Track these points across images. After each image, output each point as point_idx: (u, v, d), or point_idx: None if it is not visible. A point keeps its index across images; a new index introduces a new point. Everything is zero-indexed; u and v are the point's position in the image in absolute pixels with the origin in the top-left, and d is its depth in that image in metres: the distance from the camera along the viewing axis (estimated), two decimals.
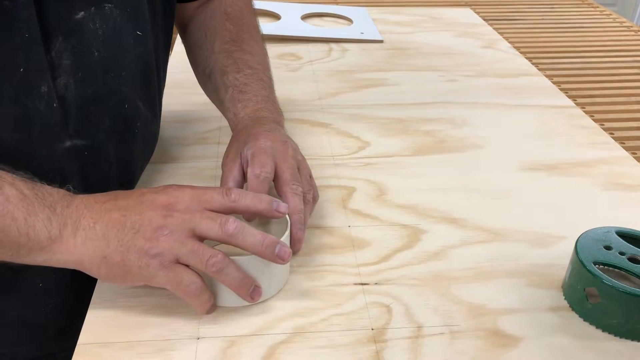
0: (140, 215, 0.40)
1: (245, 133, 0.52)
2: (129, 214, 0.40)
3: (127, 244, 0.39)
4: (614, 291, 0.41)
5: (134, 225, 0.39)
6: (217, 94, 0.60)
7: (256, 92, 0.57)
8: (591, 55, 0.96)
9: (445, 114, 0.73)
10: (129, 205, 0.41)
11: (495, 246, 0.51)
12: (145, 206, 0.40)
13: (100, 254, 0.39)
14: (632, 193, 0.59)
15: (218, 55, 0.59)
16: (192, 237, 0.40)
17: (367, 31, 0.99)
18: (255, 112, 0.56)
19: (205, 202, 0.41)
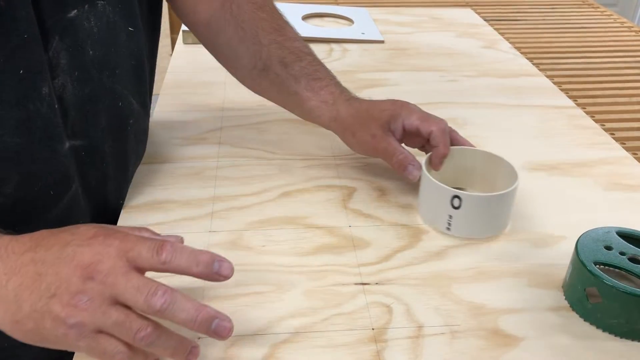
0: (57, 275, 0.35)
1: (371, 113, 0.56)
2: (45, 272, 0.35)
3: (42, 309, 0.34)
4: (615, 291, 0.41)
5: (50, 287, 0.34)
6: (283, 86, 0.59)
7: (329, 75, 0.60)
8: (592, 56, 0.96)
9: (446, 114, 0.72)
10: (47, 259, 0.35)
11: (495, 246, 0.51)
12: (65, 264, 0.35)
13: (11, 318, 0.35)
14: (632, 193, 0.59)
15: (270, 48, 0.59)
16: (115, 305, 0.34)
17: (368, 31, 0.99)
18: (346, 94, 0.59)
19: (132, 259, 0.36)
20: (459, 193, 0.50)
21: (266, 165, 0.62)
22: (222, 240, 0.50)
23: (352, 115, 0.57)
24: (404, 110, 0.56)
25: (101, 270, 0.35)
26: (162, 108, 0.73)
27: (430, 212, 0.53)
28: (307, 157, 0.64)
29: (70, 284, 0.34)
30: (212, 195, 0.56)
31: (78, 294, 0.34)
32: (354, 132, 0.57)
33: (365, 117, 0.56)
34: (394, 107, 0.56)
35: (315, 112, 0.59)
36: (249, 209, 0.55)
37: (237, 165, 0.62)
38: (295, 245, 0.50)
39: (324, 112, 0.58)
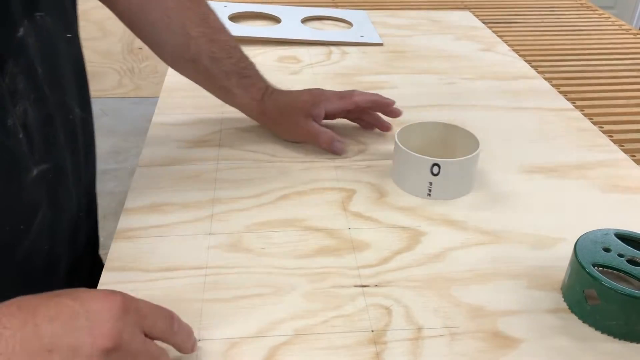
0: (73, 349, 0.31)
1: (294, 105, 0.63)
2: (56, 347, 0.31)
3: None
4: (613, 293, 0.41)
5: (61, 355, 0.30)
6: (212, 79, 0.63)
7: (257, 73, 0.65)
8: (590, 58, 0.96)
9: (444, 116, 0.73)
10: (55, 330, 0.31)
11: (494, 248, 0.51)
12: (79, 334, 0.31)
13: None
14: (631, 195, 0.59)
15: (198, 41, 0.60)
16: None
17: (367, 34, 0.99)
18: (270, 89, 0.64)
19: (148, 328, 0.35)
20: (438, 160, 0.55)
21: (265, 168, 0.62)
22: (222, 243, 0.50)
23: (277, 107, 0.64)
24: (322, 97, 0.64)
25: (124, 342, 0.32)
26: (161, 111, 0.73)
27: (409, 181, 0.58)
28: (306, 160, 0.64)
29: (82, 355, 0.31)
30: (211, 197, 0.56)
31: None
32: (280, 123, 0.64)
33: (289, 109, 0.63)
34: (312, 97, 0.64)
35: (245, 108, 0.65)
36: (248, 211, 0.55)
37: (236, 167, 0.62)
38: (295, 248, 0.50)
39: (254, 108, 0.65)
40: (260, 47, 0.93)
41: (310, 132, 0.63)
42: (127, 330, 0.32)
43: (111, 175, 1.93)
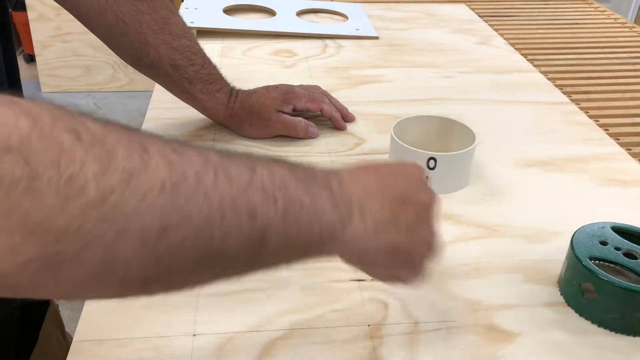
0: (420, 201, 0.34)
1: (262, 102, 0.64)
2: (408, 196, 0.34)
3: (416, 232, 0.34)
4: (610, 286, 0.41)
5: (418, 212, 0.34)
6: (175, 84, 0.63)
7: (221, 77, 0.65)
8: (586, 52, 0.96)
9: (440, 110, 0.73)
10: (400, 184, 0.35)
11: (491, 242, 0.51)
12: (419, 189, 0.35)
13: (392, 241, 0.33)
14: (627, 189, 0.59)
15: (158, 48, 0.59)
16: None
17: (363, 27, 0.99)
18: (235, 92, 0.65)
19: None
20: (434, 154, 0.55)
21: None
22: None
23: (245, 109, 0.65)
24: (292, 96, 0.65)
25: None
26: (155, 105, 0.72)
27: None
28: (301, 154, 0.63)
29: (430, 209, 0.35)
30: None
31: (433, 218, 0.35)
32: (251, 122, 0.65)
33: (258, 107, 0.64)
34: (282, 94, 0.65)
35: (210, 112, 0.66)
36: None
37: None
38: None
39: (220, 112, 0.65)
40: (255, 40, 0.93)
41: (286, 123, 0.65)
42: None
43: None
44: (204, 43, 0.89)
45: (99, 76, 2.31)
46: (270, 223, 0.27)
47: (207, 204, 0.25)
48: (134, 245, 0.23)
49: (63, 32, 2.20)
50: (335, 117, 0.68)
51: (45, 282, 0.22)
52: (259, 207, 0.27)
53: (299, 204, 0.29)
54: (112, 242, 0.22)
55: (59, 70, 2.30)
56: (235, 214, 0.26)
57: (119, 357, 0.39)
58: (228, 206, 0.26)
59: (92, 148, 0.22)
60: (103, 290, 0.24)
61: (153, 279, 0.25)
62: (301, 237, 0.30)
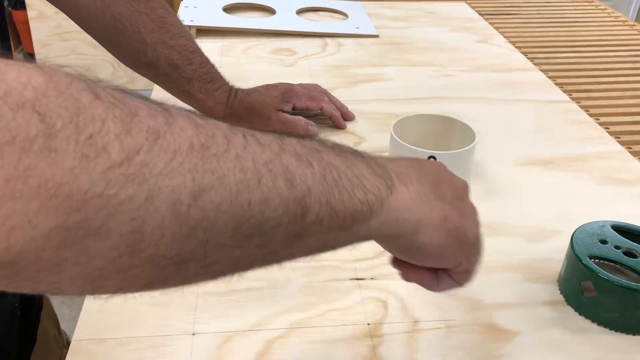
0: (452, 183, 0.34)
1: (262, 101, 0.64)
2: (441, 177, 0.33)
3: (461, 207, 0.32)
4: (610, 285, 0.41)
5: (453, 190, 0.33)
6: (173, 84, 0.63)
7: (220, 76, 0.65)
8: (586, 50, 0.96)
9: (440, 109, 0.73)
10: (429, 166, 0.34)
11: (491, 241, 0.51)
12: (446, 172, 0.34)
13: (441, 213, 0.31)
14: (627, 187, 0.59)
15: (155, 48, 0.59)
16: None
17: (363, 26, 0.99)
18: (234, 91, 0.65)
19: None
20: (434, 153, 0.55)
21: None
22: None
23: (245, 108, 0.65)
24: (292, 94, 0.65)
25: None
26: None
27: None
28: None
29: (464, 190, 0.34)
30: None
31: (470, 200, 0.34)
32: (250, 121, 0.65)
33: (258, 106, 0.64)
34: (281, 92, 0.65)
35: (209, 111, 0.65)
36: None
37: None
38: None
39: (219, 111, 0.65)
40: (254, 38, 0.93)
41: (286, 122, 0.65)
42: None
43: None
44: (203, 42, 0.89)
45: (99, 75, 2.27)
46: (309, 187, 0.25)
47: (240, 166, 0.23)
48: (165, 212, 0.20)
49: (63, 31, 2.20)
50: (335, 115, 0.68)
51: (67, 262, 0.19)
52: (295, 172, 0.25)
53: (335, 169, 0.27)
54: (141, 209, 0.20)
55: None
56: (272, 177, 0.24)
57: (118, 357, 0.39)
58: (263, 169, 0.24)
59: (113, 107, 0.20)
60: (131, 275, 0.21)
61: (188, 257, 0.22)
62: (345, 203, 0.27)
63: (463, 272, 0.34)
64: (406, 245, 0.31)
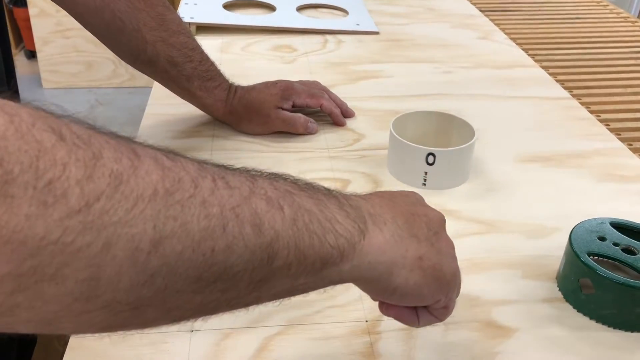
0: (426, 215, 0.33)
1: (262, 99, 0.64)
2: (416, 212, 0.33)
3: (436, 245, 0.32)
4: (608, 282, 0.41)
5: (428, 225, 0.33)
6: (173, 81, 0.63)
7: (219, 74, 0.65)
8: (588, 47, 0.95)
9: (440, 105, 0.73)
10: (404, 201, 0.34)
11: (490, 238, 0.51)
12: (421, 205, 0.34)
13: (415, 253, 0.31)
14: (627, 184, 0.59)
15: (155, 45, 0.59)
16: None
17: (363, 23, 0.99)
18: (233, 88, 0.65)
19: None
20: (433, 150, 0.55)
21: (260, 158, 0.61)
22: None
23: (244, 106, 0.64)
24: (292, 92, 0.65)
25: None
26: (155, 101, 0.72)
27: (405, 171, 0.58)
28: (300, 150, 0.63)
29: (439, 223, 0.34)
30: None
31: (444, 228, 0.34)
32: (250, 118, 0.65)
33: (257, 104, 0.64)
34: (281, 90, 0.65)
35: (209, 108, 0.65)
36: None
37: (230, 158, 0.61)
38: None
39: (219, 109, 0.65)
40: (254, 35, 0.92)
41: (285, 120, 0.64)
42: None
43: None
44: (203, 39, 0.89)
45: (100, 72, 2.31)
46: (278, 233, 0.25)
47: (206, 212, 0.22)
48: (123, 259, 0.20)
49: (64, 28, 2.20)
50: (334, 112, 0.68)
51: (20, 307, 0.19)
52: (264, 216, 0.24)
53: (307, 212, 0.27)
54: (98, 257, 0.19)
55: (60, 67, 2.30)
56: (238, 223, 0.23)
57: (116, 353, 0.39)
58: (230, 214, 0.23)
59: (77, 149, 0.20)
60: (86, 319, 0.21)
61: (147, 303, 0.21)
62: (315, 248, 0.26)
63: (442, 308, 0.34)
64: (382, 288, 0.31)
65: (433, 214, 0.34)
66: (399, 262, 0.30)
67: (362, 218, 0.30)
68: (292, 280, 0.27)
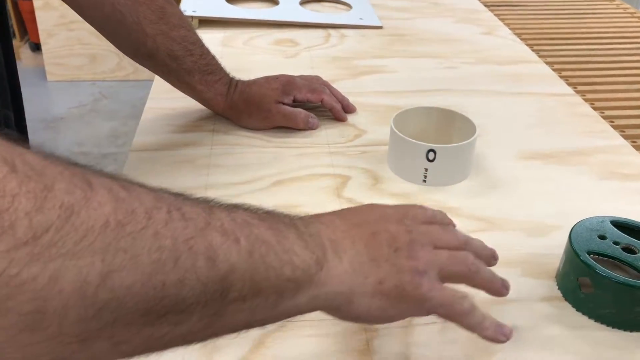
0: (388, 232, 0.34)
1: (263, 93, 0.63)
2: (377, 231, 0.34)
3: (396, 263, 0.32)
4: (607, 281, 0.41)
5: (389, 243, 0.33)
6: (173, 75, 0.62)
7: (220, 68, 0.64)
8: (594, 42, 0.94)
9: (442, 101, 0.72)
10: (369, 221, 0.34)
11: (489, 235, 0.51)
12: (386, 222, 0.35)
13: (375, 278, 0.31)
14: (629, 182, 0.59)
15: (155, 39, 0.59)
16: (436, 248, 0.35)
17: (366, 17, 0.98)
18: (234, 82, 0.65)
19: (413, 217, 0.37)
20: (434, 146, 0.55)
21: (260, 153, 0.61)
22: None
23: (245, 100, 0.64)
24: (293, 87, 0.65)
25: (412, 224, 0.35)
26: (156, 95, 0.72)
27: (405, 167, 0.57)
28: (301, 145, 0.63)
29: (402, 237, 0.34)
30: (204, 183, 0.56)
31: (412, 245, 0.34)
32: (250, 113, 0.64)
33: (258, 98, 0.64)
34: (282, 85, 0.64)
35: (209, 103, 0.65)
36: (241, 197, 0.54)
37: (230, 153, 0.61)
38: None
39: (219, 103, 0.64)
40: (257, 29, 0.92)
41: (286, 115, 0.64)
42: (408, 216, 0.36)
43: (110, 159, 1.92)
44: (205, 32, 0.89)
45: (104, 65, 2.31)
46: (233, 265, 0.25)
47: (157, 245, 0.22)
48: (70, 292, 0.20)
49: (68, 21, 2.20)
50: (335, 108, 0.67)
51: None
52: (219, 249, 0.24)
53: (264, 244, 0.27)
54: (44, 289, 0.19)
55: (65, 59, 2.30)
56: (191, 256, 0.23)
57: None
58: (183, 247, 0.23)
59: (28, 181, 0.20)
60: (33, 350, 0.20)
61: (95, 335, 0.21)
62: (271, 281, 0.26)
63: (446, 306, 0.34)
64: (343, 316, 0.32)
65: (395, 229, 0.34)
66: (358, 290, 0.31)
67: (322, 247, 0.30)
68: (248, 313, 0.27)
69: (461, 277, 0.36)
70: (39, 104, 2.21)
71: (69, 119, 2.14)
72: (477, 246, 0.38)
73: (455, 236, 0.37)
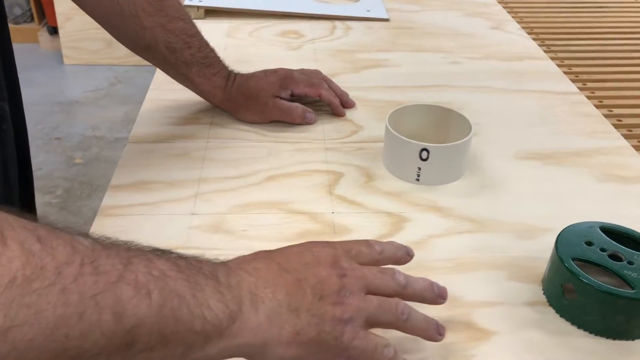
0: (317, 277, 0.34)
1: (260, 87, 0.63)
2: (302, 277, 0.34)
3: (318, 312, 0.33)
4: (590, 288, 0.41)
5: (315, 290, 0.33)
6: (171, 66, 0.63)
7: (218, 60, 0.64)
8: (607, 37, 0.92)
9: (443, 97, 0.71)
10: (295, 265, 0.34)
11: (479, 237, 0.51)
12: (316, 267, 0.35)
13: (292, 329, 0.32)
14: (626, 185, 0.58)
15: (154, 31, 0.59)
16: (368, 294, 0.35)
17: (374, 9, 0.97)
18: (233, 75, 0.65)
19: (355, 257, 0.37)
20: (427, 145, 0.54)
21: (255, 147, 0.62)
22: (203, 223, 0.51)
23: (242, 93, 0.64)
24: (291, 81, 0.65)
25: (347, 267, 0.36)
26: (156, 86, 0.73)
27: (399, 165, 0.57)
28: (297, 140, 0.63)
29: (331, 283, 0.34)
30: (198, 177, 0.57)
31: (341, 291, 0.34)
32: (247, 107, 0.64)
33: (255, 92, 0.64)
34: (280, 79, 0.64)
35: (207, 95, 0.65)
36: (233, 192, 0.55)
37: (226, 147, 0.62)
38: (276, 231, 0.50)
39: (217, 95, 0.65)
40: (262, 20, 0.92)
41: (283, 109, 0.64)
42: (345, 260, 0.36)
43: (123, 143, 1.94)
44: (210, 22, 0.89)
45: (119, 50, 2.31)
46: (141, 320, 0.26)
47: (63, 300, 0.23)
48: None
49: None
50: (333, 103, 0.67)
51: None
52: (128, 303, 0.25)
53: (178, 298, 0.28)
54: None
55: (81, 43, 2.32)
56: (97, 311, 0.24)
57: None
58: (89, 302, 0.24)
59: None
60: None
61: None
62: (180, 334, 0.27)
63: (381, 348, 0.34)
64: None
65: (325, 273, 0.34)
66: (272, 341, 0.31)
67: (239, 299, 0.31)
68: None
69: (390, 325, 0.36)
70: (56, 87, 2.24)
71: (84, 102, 2.16)
72: (417, 288, 0.38)
73: (393, 280, 0.37)
